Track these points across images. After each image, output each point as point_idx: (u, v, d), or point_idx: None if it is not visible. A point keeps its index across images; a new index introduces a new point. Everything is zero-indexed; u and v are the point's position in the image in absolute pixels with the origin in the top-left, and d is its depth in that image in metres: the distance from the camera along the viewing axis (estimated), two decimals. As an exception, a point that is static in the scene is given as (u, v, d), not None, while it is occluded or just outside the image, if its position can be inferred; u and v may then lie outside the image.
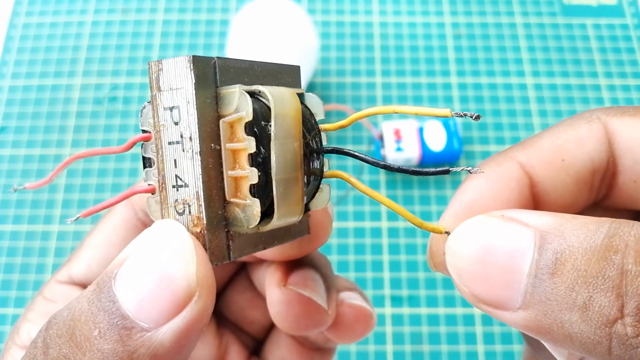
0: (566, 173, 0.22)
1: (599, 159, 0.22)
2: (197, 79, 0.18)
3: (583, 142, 0.22)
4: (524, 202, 0.22)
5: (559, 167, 0.22)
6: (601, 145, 0.22)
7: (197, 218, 0.18)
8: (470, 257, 0.19)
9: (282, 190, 0.19)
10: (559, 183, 0.22)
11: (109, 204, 0.20)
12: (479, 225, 0.19)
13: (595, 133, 0.22)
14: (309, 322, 0.27)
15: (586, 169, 0.22)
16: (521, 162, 0.22)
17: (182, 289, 0.17)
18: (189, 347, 0.18)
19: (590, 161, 0.22)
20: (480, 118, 0.19)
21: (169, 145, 0.19)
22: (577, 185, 0.22)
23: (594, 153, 0.22)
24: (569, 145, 0.22)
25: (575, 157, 0.22)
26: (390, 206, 0.21)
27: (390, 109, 0.20)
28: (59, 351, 0.17)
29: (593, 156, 0.22)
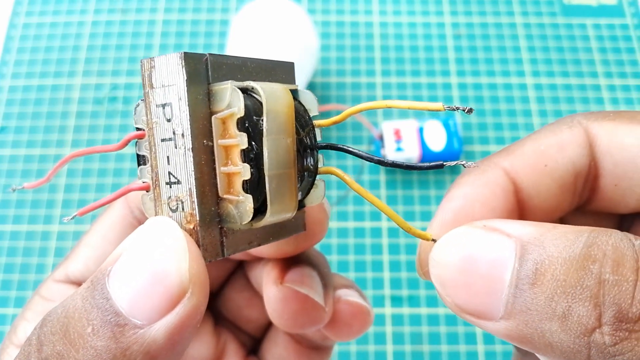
0: (550, 178, 0.22)
1: (581, 163, 0.22)
2: (188, 76, 0.18)
3: (565, 147, 0.22)
4: (509, 208, 0.22)
5: (542, 172, 0.22)
6: (582, 150, 0.22)
7: (190, 215, 0.18)
8: (453, 266, 0.19)
9: (274, 186, 0.19)
10: (543, 188, 0.22)
11: (104, 202, 0.20)
12: (461, 236, 0.19)
13: (576, 138, 0.22)
14: (306, 320, 0.27)
15: (569, 173, 0.22)
16: (505, 169, 0.22)
17: (174, 285, 0.17)
18: (183, 344, 0.18)
19: (572, 165, 0.22)
20: (473, 111, 0.19)
21: (161, 142, 0.19)
22: (561, 190, 0.23)
23: (575, 157, 0.22)
24: (551, 150, 0.22)
25: (557, 162, 0.22)
26: (381, 208, 0.21)
27: (383, 104, 0.20)
28: (53, 348, 0.17)
29: (575, 161, 0.22)
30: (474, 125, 0.64)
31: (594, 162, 0.22)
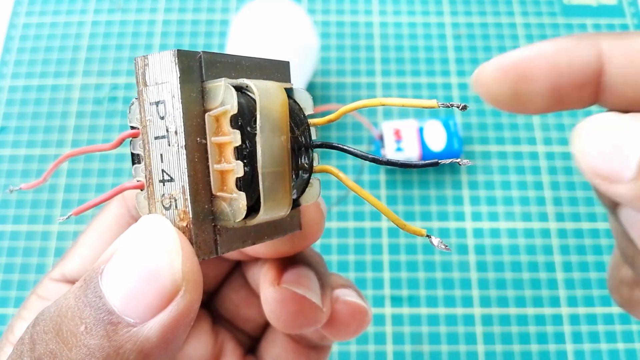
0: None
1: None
2: (182, 73, 0.18)
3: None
4: (584, 82, 0.21)
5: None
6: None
7: (184, 212, 0.18)
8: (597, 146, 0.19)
9: (268, 184, 0.19)
10: (631, 88, 0.21)
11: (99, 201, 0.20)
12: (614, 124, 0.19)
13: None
14: (304, 320, 0.27)
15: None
16: (602, 49, 0.21)
17: (167, 283, 0.17)
18: (176, 343, 0.18)
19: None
20: (467, 108, 0.19)
21: (155, 140, 0.19)
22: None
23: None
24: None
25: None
26: (376, 205, 0.21)
27: (377, 101, 0.20)
28: (46, 347, 0.17)
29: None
30: (474, 125, 0.64)
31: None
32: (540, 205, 0.61)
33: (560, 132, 0.64)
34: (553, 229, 0.60)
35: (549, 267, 0.58)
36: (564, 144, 0.64)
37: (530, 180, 0.62)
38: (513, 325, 0.56)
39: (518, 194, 0.61)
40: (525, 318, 0.56)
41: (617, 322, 0.56)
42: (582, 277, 0.58)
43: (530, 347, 0.55)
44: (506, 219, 0.60)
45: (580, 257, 0.59)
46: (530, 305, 0.57)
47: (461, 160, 0.19)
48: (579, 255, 0.59)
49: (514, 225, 0.60)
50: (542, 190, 0.61)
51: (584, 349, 0.55)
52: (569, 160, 0.63)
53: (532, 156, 0.63)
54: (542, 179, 0.62)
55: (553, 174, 0.62)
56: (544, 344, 0.55)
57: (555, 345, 0.55)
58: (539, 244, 0.59)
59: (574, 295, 0.57)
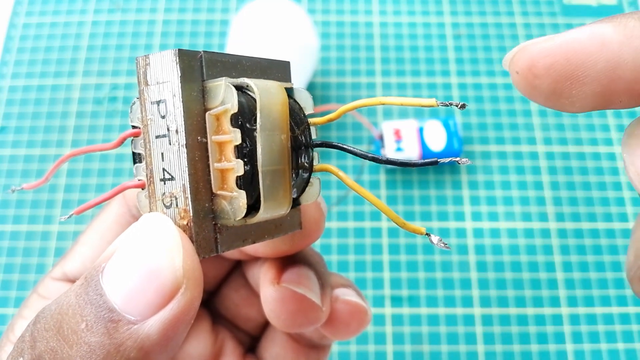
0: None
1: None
2: (182, 72, 0.18)
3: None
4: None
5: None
6: None
7: (184, 211, 0.18)
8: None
9: (268, 183, 0.19)
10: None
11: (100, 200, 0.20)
12: None
13: None
14: (303, 320, 0.27)
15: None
16: None
17: (168, 281, 0.17)
18: (177, 340, 0.18)
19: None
20: (466, 106, 0.19)
21: (156, 139, 0.19)
22: None
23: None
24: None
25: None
26: (376, 204, 0.21)
27: (377, 100, 0.20)
28: (47, 344, 0.17)
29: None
30: (474, 125, 0.64)
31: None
32: (540, 205, 0.61)
33: (560, 132, 0.64)
34: (553, 229, 0.60)
35: (549, 267, 0.58)
36: (564, 144, 0.64)
37: (530, 180, 0.62)
38: (513, 325, 0.56)
39: (518, 194, 0.61)
40: (525, 318, 0.56)
41: (617, 322, 0.56)
42: (582, 277, 0.58)
43: (530, 347, 0.55)
44: (506, 219, 0.60)
45: (580, 257, 0.59)
46: (530, 305, 0.57)
47: (460, 159, 0.19)
48: (579, 255, 0.59)
49: (514, 225, 0.60)
50: (542, 190, 0.61)
51: (584, 349, 0.55)
52: (569, 160, 0.63)
53: (532, 156, 0.63)
54: (542, 179, 0.62)
55: (553, 174, 0.62)
56: (544, 344, 0.55)
57: (555, 345, 0.55)
58: (539, 244, 0.59)
59: (574, 295, 0.57)
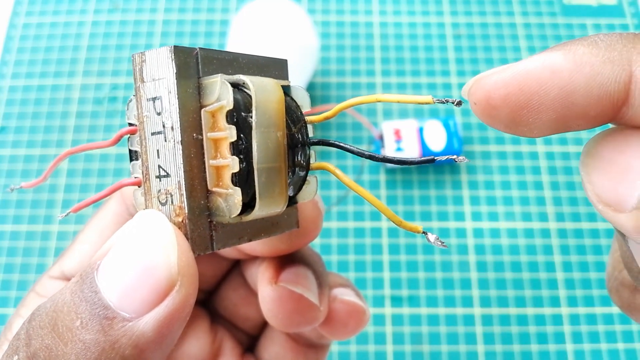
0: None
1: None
2: (178, 69, 0.18)
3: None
4: (602, 111, 0.19)
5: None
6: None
7: (179, 208, 0.18)
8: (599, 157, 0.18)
9: (264, 180, 0.19)
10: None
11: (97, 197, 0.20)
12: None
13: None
14: (301, 319, 0.27)
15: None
16: (634, 73, 0.18)
17: (163, 278, 0.17)
18: (172, 337, 0.18)
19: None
20: (462, 104, 0.19)
21: (152, 135, 0.19)
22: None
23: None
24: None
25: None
26: (373, 202, 0.21)
27: (373, 98, 0.20)
28: (42, 342, 0.17)
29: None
30: (474, 125, 0.64)
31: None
32: (540, 205, 0.61)
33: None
34: (553, 229, 0.60)
35: (549, 267, 0.58)
36: (564, 144, 0.64)
37: (530, 180, 0.62)
38: (513, 325, 0.56)
39: (518, 194, 0.61)
40: (525, 318, 0.56)
41: (617, 322, 0.56)
42: (582, 277, 0.58)
43: (530, 347, 0.55)
44: (506, 219, 0.60)
45: (580, 257, 0.59)
46: (530, 305, 0.57)
47: (458, 157, 0.19)
48: (579, 255, 0.59)
49: (514, 225, 0.60)
50: (542, 190, 0.61)
51: (584, 349, 0.55)
52: (569, 160, 0.63)
53: (532, 156, 0.63)
54: (542, 179, 0.62)
55: (553, 174, 0.62)
56: (544, 344, 0.55)
57: (555, 345, 0.55)
58: (539, 244, 0.59)
59: (574, 295, 0.57)
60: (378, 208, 0.21)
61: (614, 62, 0.18)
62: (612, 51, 0.18)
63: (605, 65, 0.18)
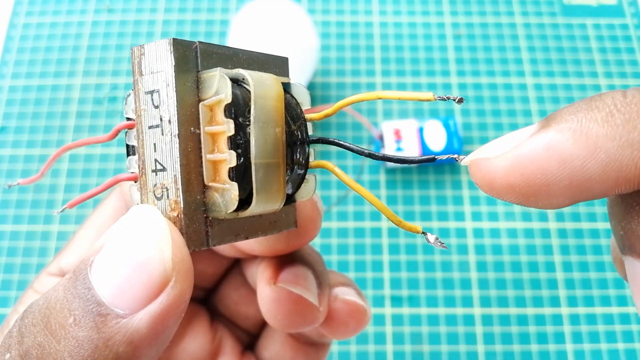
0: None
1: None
2: (177, 62, 0.18)
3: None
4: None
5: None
6: None
7: (175, 202, 0.18)
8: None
9: (261, 175, 0.19)
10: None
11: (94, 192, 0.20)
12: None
13: None
14: (300, 320, 0.26)
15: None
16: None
17: (157, 274, 0.17)
18: (167, 334, 0.18)
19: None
20: (463, 101, 0.19)
21: (149, 129, 0.19)
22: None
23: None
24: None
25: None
26: (373, 202, 0.21)
27: (374, 95, 0.20)
28: (34, 340, 0.17)
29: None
30: (474, 125, 0.64)
31: None
32: (540, 205, 0.61)
33: (560, 132, 0.64)
34: (553, 229, 0.60)
35: (549, 267, 0.58)
36: (564, 144, 0.64)
37: (530, 180, 0.62)
38: (513, 325, 0.56)
39: (518, 193, 0.61)
40: (525, 318, 0.56)
41: (617, 322, 0.56)
42: (582, 277, 0.58)
43: (530, 347, 0.55)
44: (506, 218, 0.60)
45: (580, 257, 0.59)
46: (530, 305, 0.57)
47: (458, 157, 0.19)
48: (579, 255, 0.59)
49: (514, 225, 0.60)
50: (542, 190, 0.61)
51: (584, 349, 0.55)
52: (569, 160, 0.63)
53: (532, 156, 0.63)
54: (542, 178, 0.62)
55: (553, 174, 0.62)
56: (544, 344, 0.55)
57: (555, 345, 0.55)
58: (539, 243, 0.59)
59: (574, 295, 0.57)
60: (378, 208, 0.21)
61: (634, 146, 0.15)
62: (632, 130, 0.15)
63: (625, 150, 0.16)
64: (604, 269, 0.58)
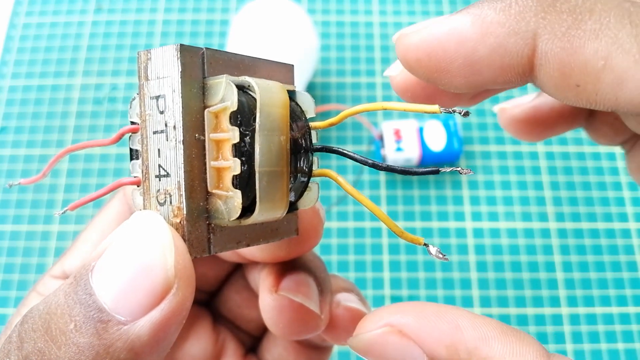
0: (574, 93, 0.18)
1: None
2: (183, 68, 0.18)
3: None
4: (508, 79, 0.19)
5: (569, 79, 0.18)
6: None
7: (178, 208, 0.18)
8: None
9: (265, 184, 0.19)
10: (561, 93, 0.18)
11: (96, 196, 0.20)
12: None
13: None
14: (302, 328, 0.26)
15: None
16: (537, 46, 0.18)
17: (159, 280, 0.17)
18: (168, 340, 0.17)
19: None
20: (469, 114, 0.19)
21: (153, 134, 0.19)
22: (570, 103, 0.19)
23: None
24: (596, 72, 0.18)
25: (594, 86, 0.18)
26: (374, 211, 0.21)
27: (379, 105, 0.20)
28: (34, 345, 0.17)
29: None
30: (474, 125, 0.64)
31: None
32: (540, 205, 0.61)
33: (560, 132, 0.64)
34: (553, 229, 0.60)
35: (549, 267, 0.58)
36: (564, 144, 0.64)
37: (530, 180, 0.62)
38: (513, 325, 0.56)
39: (518, 193, 0.61)
40: (525, 318, 0.56)
41: (617, 322, 0.56)
42: (582, 277, 0.58)
43: (530, 347, 0.55)
44: (506, 219, 0.60)
45: (580, 257, 0.59)
46: (530, 305, 0.57)
47: (462, 169, 0.19)
48: (579, 255, 0.59)
49: (514, 225, 0.60)
50: (542, 190, 0.61)
51: (584, 349, 0.55)
52: (569, 160, 0.63)
53: (532, 156, 0.63)
54: (542, 179, 0.62)
55: (553, 174, 0.62)
56: (544, 344, 0.55)
57: (555, 345, 0.55)
58: (539, 243, 0.59)
59: (573, 295, 0.57)
60: (379, 217, 0.21)
61: (519, 34, 0.17)
62: (520, 20, 0.17)
63: (510, 37, 0.17)
64: (604, 269, 0.58)
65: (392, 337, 0.18)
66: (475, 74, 0.18)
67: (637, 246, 0.59)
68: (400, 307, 0.19)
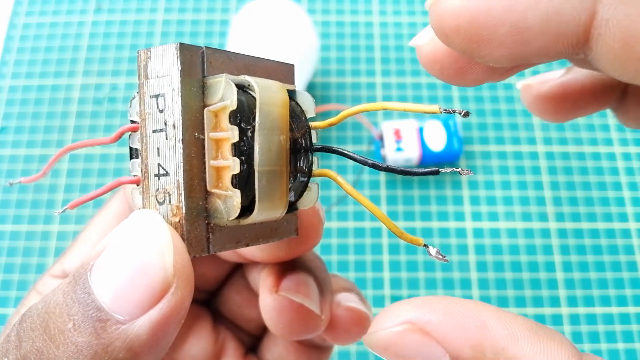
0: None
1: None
2: (183, 67, 0.18)
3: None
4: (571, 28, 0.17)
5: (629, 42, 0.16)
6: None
7: (177, 207, 0.18)
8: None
9: (264, 183, 0.19)
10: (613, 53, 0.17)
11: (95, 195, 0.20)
12: None
13: None
14: (302, 328, 0.26)
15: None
16: (597, 13, 0.16)
17: (158, 279, 0.17)
18: (167, 340, 0.17)
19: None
20: (470, 115, 0.19)
21: (153, 133, 0.19)
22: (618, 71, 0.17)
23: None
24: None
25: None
26: (374, 212, 0.21)
27: (379, 105, 0.20)
28: (32, 345, 0.17)
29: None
30: (474, 125, 0.64)
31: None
32: (540, 205, 0.61)
33: (560, 132, 0.64)
34: (553, 229, 0.60)
35: (549, 267, 0.58)
36: (564, 144, 0.64)
37: (530, 180, 0.62)
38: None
39: (518, 193, 0.61)
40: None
41: (617, 322, 0.56)
42: (582, 277, 0.58)
43: (530, 347, 0.55)
44: (506, 219, 0.60)
45: (580, 257, 0.59)
46: (530, 305, 0.57)
47: (462, 170, 0.19)
48: (579, 255, 0.59)
49: (514, 225, 0.60)
50: (542, 190, 0.61)
51: (584, 349, 0.55)
52: (569, 160, 0.63)
53: (532, 156, 0.63)
54: (542, 179, 0.62)
55: (553, 174, 0.62)
56: (544, 344, 0.55)
57: (555, 345, 0.55)
58: (539, 243, 0.59)
59: (573, 295, 0.57)
60: (379, 218, 0.21)
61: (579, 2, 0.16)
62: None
63: (567, 1, 0.16)
64: (604, 269, 0.58)
65: (413, 336, 0.18)
66: (522, 44, 0.17)
67: (637, 246, 0.59)
68: (419, 302, 0.18)
